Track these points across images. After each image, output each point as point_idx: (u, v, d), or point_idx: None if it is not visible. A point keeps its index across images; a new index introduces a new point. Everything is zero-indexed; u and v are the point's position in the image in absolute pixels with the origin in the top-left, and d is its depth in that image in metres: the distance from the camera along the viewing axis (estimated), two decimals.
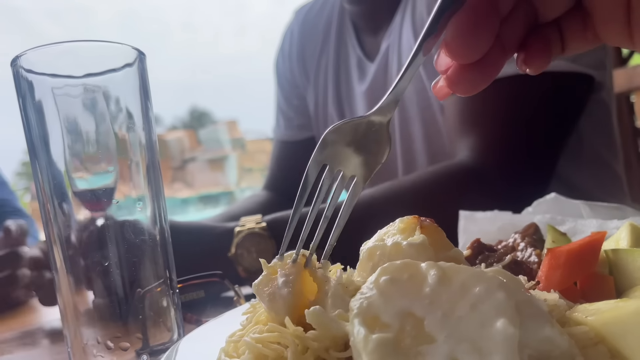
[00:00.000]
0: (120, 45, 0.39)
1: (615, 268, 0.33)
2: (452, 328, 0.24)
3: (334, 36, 1.07)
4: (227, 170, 9.35)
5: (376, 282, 0.27)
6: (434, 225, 0.32)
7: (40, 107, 0.37)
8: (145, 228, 0.39)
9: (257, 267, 0.63)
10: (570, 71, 0.71)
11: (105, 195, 0.39)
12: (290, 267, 0.32)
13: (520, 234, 0.41)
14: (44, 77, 0.37)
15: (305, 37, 1.13)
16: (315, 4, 1.15)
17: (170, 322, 0.40)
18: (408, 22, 0.89)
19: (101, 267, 0.38)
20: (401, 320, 0.25)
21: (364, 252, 0.33)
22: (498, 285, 0.25)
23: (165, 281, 0.40)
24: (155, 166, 0.40)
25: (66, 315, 0.38)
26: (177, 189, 8.86)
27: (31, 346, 0.59)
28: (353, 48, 1.03)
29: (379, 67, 0.95)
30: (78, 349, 0.37)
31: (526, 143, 0.72)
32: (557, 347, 0.24)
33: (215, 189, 8.73)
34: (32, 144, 0.37)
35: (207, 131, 10.95)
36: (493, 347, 0.23)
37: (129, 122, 0.39)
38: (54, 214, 0.37)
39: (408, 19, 0.89)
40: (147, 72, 0.40)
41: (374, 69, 0.96)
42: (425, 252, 0.30)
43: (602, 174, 0.92)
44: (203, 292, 0.54)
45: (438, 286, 0.26)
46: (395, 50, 0.92)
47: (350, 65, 1.04)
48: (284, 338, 0.28)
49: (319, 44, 1.09)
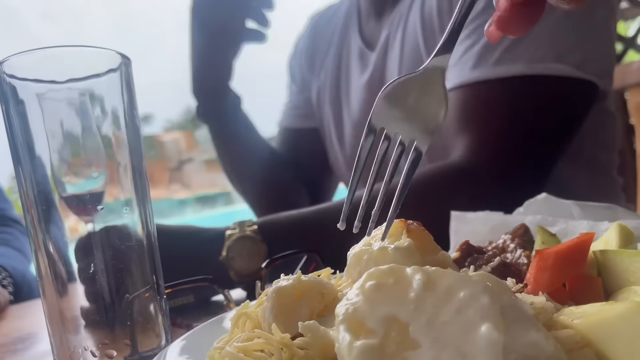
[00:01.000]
0: (104, 50, 0.38)
1: (603, 269, 0.33)
2: (437, 333, 0.24)
3: (340, 27, 1.08)
4: None
5: (362, 287, 0.27)
6: (421, 229, 0.32)
7: (23, 113, 0.37)
8: (132, 233, 0.39)
9: (248, 270, 0.62)
10: (573, 77, 0.70)
11: (93, 200, 0.39)
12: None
13: (510, 235, 0.41)
14: (27, 83, 0.36)
15: (317, 34, 1.14)
16: (330, 9, 1.16)
17: (158, 328, 0.40)
18: (416, 12, 0.87)
19: (88, 273, 0.38)
20: (386, 326, 0.25)
21: (351, 257, 0.32)
22: (483, 289, 0.25)
23: (152, 287, 0.40)
24: (142, 171, 0.40)
25: (52, 323, 0.38)
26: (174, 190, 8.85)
27: (22, 352, 0.58)
28: (355, 39, 1.03)
29: (378, 56, 0.95)
30: (64, 356, 0.37)
31: (522, 145, 0.71)
32: (543, 352, 0.24)
33: (212, 189, 8.72)
34: (16, 150, 0.37)
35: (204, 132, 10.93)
36: (477, 351, 0.23)
37: (114, 127, 0.38)
38: (38, 219, 0.37)
39: (417, 9, 0.88)
40: (132, 77, 0.40)
41: (374, 58, 0.96)
42: (411, 256, 0.30)
43: (599, 177, 0.91)
44: (192, 296, 0.54)
45: (423, 291, 0.26)
46: (397, 39, 0.91)
47: (351, 58, 1.03)
48: (270, 345, 0.28)
49: (328, 40, 1.11)
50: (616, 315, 0.24)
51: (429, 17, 0.85)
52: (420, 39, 0.86)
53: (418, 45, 0.86)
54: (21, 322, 0.78)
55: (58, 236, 0.38)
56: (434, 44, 0.84)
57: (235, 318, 0.33)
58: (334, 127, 1.09)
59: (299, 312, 0.30)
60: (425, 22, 0.86)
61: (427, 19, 0.85)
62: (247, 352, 0.28)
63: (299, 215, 0.68)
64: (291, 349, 0.27)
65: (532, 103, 0.71)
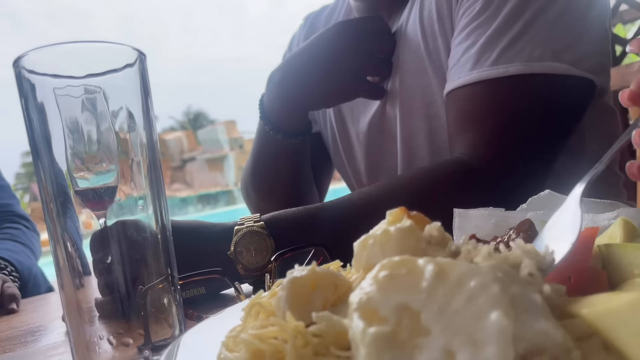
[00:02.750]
0: (121, 45, 0.39)
1: (608, 263, 0.34)
2: (447, 321, 0.25)
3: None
4: (226, 169, 9.36)
5: (375, 277, 0.28)
6: (420, 215, 0.33)
7: (42, 108, 0.37)
8: (147, 226, 0.40)
9: (256, 265, 0.63)
10: (569, 74, 0.72)
11: (107, 194, 0.40)
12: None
13: (515, 230, 0.41)
14: (46, 78, 0.37)
15: (313, 34, 1.15)
16: (324, 10, 1.17)
17: (171, 319, 0.41)
18: (415, 18, 0.89)
19: (103, 265, 0.39)
20: (399, 314, 0.26)
21: (357, 245, 0.33)
22: (493, 279, 0.25)
23: (166, 278, 0.41)
24: (156, 165, 0.41)
25: (69, 313, 0.39)
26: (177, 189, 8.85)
27: (33, 344, 0.59)
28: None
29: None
30: (81, 345, 0.38)
31: (523, 141, 0.72)
32: (552, 340, 0.25)
33: (214, 188, 8.74)
34: (35, 144, 0.38)
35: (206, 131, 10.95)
36: (487, 338, 0.23)
37: (129, 121, 0.39)
38: (57, 212, 0.38)
39: (415, 15, 0.89)
40: (148, 72, 0.40)
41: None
42: (413, 234, 0.31)
43: (601, 174, 0.92)
44: (204, 288, 0.54)
45: (435, 281, 0.26)
46: (400, 47, 0.92)
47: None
48: (284, 332, 0.28)
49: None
50: (624, 304, 0.25)
51: (428, 22, 0.87)
52: (421, 44, 0.87)
53: (420, 50, 0.87)
54: (30, 315, 0.79)
55: (74, 230, 0.39)
56: (434, 48, 0.85)
57: (249, 307, 0.34)
58: (337, 132, 1.10)
59: (313, 302, 0.30)
60: (425, 27, 0.87)
61: (426, 24, 0.87)
62: (261, 338, 0.29)
63: (306, 211, 0.69)
64: (305, 336, 0.28)
65: (532, 100, 0.73)
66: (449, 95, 0.79)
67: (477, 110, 0.74)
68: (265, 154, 1.05)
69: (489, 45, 0.74)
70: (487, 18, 0.75)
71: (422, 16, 0.88)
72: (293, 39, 1.21)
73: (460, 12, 0.80)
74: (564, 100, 0.74)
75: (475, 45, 0.75)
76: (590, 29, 0.75)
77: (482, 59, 0.74)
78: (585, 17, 0.75)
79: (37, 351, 0.56)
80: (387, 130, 0.98)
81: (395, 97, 0.93)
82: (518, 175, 0.71)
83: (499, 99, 0.72)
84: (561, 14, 0.73)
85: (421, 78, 0.88)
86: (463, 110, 0.75)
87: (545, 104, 0.73)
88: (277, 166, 1.03)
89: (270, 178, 1.05)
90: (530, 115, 0.72)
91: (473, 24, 0.76)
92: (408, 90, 0.91)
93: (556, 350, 0.25)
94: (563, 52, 0.72)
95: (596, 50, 0.76)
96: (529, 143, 0.72)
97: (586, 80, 0.74)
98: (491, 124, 0.72)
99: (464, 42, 0.77)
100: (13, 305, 0.84)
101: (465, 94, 0.75)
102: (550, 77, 0.71)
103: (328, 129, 1.13)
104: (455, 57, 0.78)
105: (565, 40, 0.73)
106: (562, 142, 0.77)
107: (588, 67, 0.73)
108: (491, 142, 0.71)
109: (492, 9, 0.75)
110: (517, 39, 0.72)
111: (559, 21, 0.73)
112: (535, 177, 0.73)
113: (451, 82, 0.78)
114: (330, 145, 1.14)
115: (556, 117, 0.74)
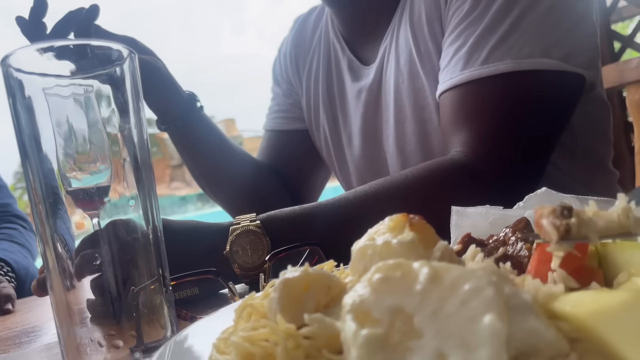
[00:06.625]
0: (110, 44, 0.39)
1: (604, 261, 0.33)
2: (440, 324, 0.24)
3: (323, 42, 1.08)
4: None
5: (369, 280, 0.27)
6: (423, 222, 0.33)
7: (30, 107, 0.37)
8: (138, 226, 0.39)
9: (252, 264, 0.63)
10: (560, 70, 0.72)
11: (98, 194, 0.39)
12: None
13: (511, 228, 0.41)
14: (34, 77, 0.37)
15: (299, 42, 1.15)
16: (312, 12, 1.16)
17: (163, 320, 0.41)
18: (405, 23, 0.89)
19: (94, 266, 0.38)
20: (391, 317, 0.26)
21: (355, 252, 0.33)
22: (487, 282, 0.25)
23: (158, 279, 0.40)
24: (147, 164, 0.40)
25: (59, 315, 0.38)
26: (176, 187, 8.86)
27: (27, 345, 0.59)
28: (343, 51, 1.04)
29: (376, 70, 0.96)
30: (71, 347, 0.38)
31: (517, 137, 0.72)
32: (543, 339, 0.24)
33: None
34: (23, 144, 0.37)
35: None
36: (480, 341, 0.23)
37: (120, 120, 0.39)
38: (46, 213, 0.37)
39: (406, 20, 0.89)
40: (138, 71, 0.40)
41: (371, 72, 0.97)
42: (415, 249, 0.30)
43: (596, 171, 0.92)
44: (197, 289, 0.54)
45: (429, 284, 0.26)
46: (392, 52, 0.92)
47: (342, 69, 1.04)
48: (275, 335, 0.28)
49: (310, 50, 1.11)
50: (618, 304, 0.24)
51: (418, 25, 0.87)
52: (412, 48, 0.87)
53: (412, 55, 0.88)
54: (25, 316, 0.79)
55: (65, 230, 0.38)
56: (425, 51, 0.86)
57: (240, 309, 0.34)
58: (329, 136, 1.10)
59: (305, 304, 0.30)
60: (415, 31, 0.87)
61: (417, 28, 0.87)
62: (252, 341, 0.28)
63: (302, 210, 0.69)
64: (296, 339, 0.28)
65: (524, 97, 0.73)
66: (442, 96, 0.79)
67: (470, 110, 0.74)
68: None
69: (478, 44, 0.74)
70: (475, 17, 0.75)
71: (412, 20, 0.88)
72: (283, 43, 1.21)
73: (449, 14, 0.81)
74: (555, 96, 0.74)
75: (465, 45, 0.75)
76: (578, 24, 0.76)
77: (473, 59, 0.74)
78: (573, 13, 0.75)
79: (31, 352, 0.55)
80: (380, 134, 0.98)
81: (389, 101, 0.93)
82: (513, 172, 0.71)
83: (491, 97, 0.72)
84: (549, 10, 0.73)
85: (414, 82, 0.89)
86: (456, 110, 0.75)
87: (537, 100, 0.73)
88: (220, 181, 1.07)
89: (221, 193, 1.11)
90: (523, 112, 0.72)
91: (462, 25, 0.77)
92: (401, 94, 0.91)
93: (551, 352, 0.24)
94: (552, 48, 0.72)
95: (585, 45, 0.77)
96: (522, 139, 0.72)
97: (576, 75, 0.74)
98: (485, 122, 0.72)
99: (455, 43, 0.77)
100: (8, 305, 0.84)
101: (458, 94, 0.75)
102: (541, 73, 0.72)
103: (321, 133, 1.12)
104: (447, 58, 0.78)
105: (554, 36, 0.73)
106: (556, 137, 0.77)
107: (578, 62, 0.73)
108: (485, 140, 0.71)
109: (481, 8, 0.75)
110: (506, 37, 0.72)
111: (547, 17, 0.73)
112: (530, 173, 0.73)
113: (443, 84, 0.78)
114: (322, 148, 1.14)
115: (548, 112, 0.74)
